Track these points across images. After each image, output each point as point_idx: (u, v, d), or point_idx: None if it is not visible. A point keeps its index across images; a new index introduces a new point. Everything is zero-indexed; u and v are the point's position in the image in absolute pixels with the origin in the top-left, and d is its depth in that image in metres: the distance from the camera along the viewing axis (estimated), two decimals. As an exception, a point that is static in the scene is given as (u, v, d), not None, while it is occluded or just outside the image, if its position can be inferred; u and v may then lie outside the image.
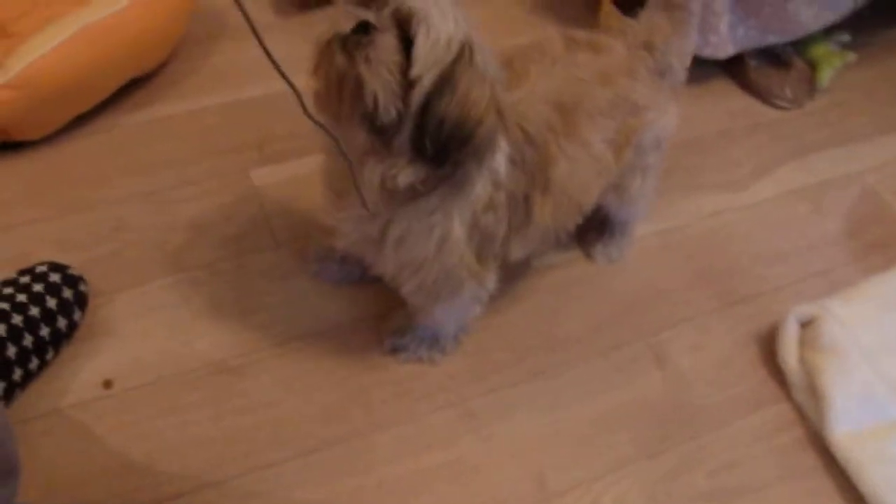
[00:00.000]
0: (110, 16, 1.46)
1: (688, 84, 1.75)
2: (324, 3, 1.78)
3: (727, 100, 1.79)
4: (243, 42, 1.71)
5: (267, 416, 1.20)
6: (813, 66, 1.80)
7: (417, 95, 0.86)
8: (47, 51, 1.39)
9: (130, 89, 1.58)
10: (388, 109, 0.86)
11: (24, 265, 1.25)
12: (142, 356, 1.24)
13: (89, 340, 1.24)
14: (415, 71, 0.84)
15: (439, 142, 0.88)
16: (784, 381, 1.34)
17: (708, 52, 1.68)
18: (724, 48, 1.68)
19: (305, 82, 0.89)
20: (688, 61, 1.26)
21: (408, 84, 0.86)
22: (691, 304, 1.42)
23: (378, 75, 0.85)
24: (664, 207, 1.54)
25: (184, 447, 1.16)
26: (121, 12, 1.47)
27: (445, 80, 0.85)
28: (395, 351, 1.28)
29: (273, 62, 0.72)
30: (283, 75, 0.73)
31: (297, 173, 1.48)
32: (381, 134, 0.89)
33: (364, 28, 0.85)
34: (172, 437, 1.17)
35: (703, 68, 1.73)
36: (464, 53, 0.85)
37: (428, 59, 0.84)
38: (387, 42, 0.85)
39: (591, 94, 1.11)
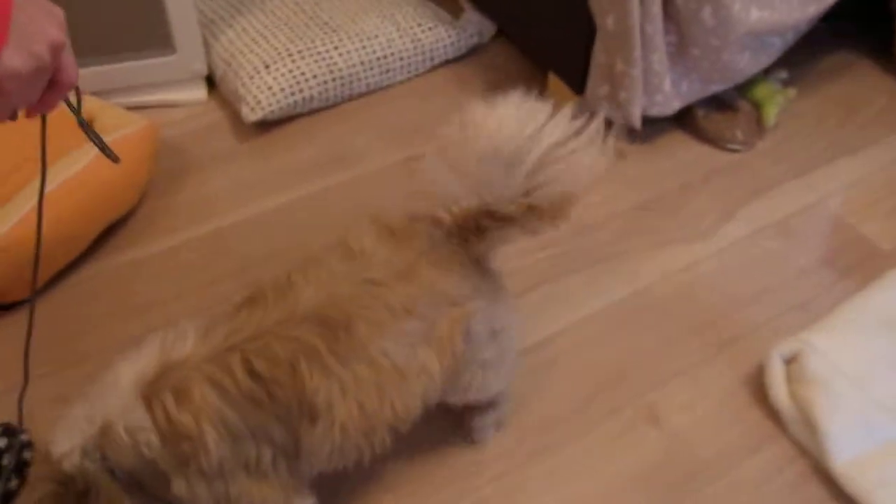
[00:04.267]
0: (79, 171, 1.51)
1: (640, 142, 1.81)
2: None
3: (681, 152, 1.84)
4: (207, 174, 1.77)
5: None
6: (758, 107, 1.86)
7: None
8: (26, 212, 1.43)
9: (107, 235, 1.63)
10: None
11: (27, 426, 1.27)
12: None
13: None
14: None
15: None
16: (778, 420, 1.36)
17: (655, 111, 1.72)
18: (670, 104, 1.73)
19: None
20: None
21: None
22: (675, 359, 1.45)
23: None
24: (634, 269, 1.58)
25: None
26: (87, 167, 1.53)
27: None
28: None
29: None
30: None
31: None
32: None
33: None
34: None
35: (652, 125, 1.79)
36: None
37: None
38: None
39: (382, 296, 1.01)
